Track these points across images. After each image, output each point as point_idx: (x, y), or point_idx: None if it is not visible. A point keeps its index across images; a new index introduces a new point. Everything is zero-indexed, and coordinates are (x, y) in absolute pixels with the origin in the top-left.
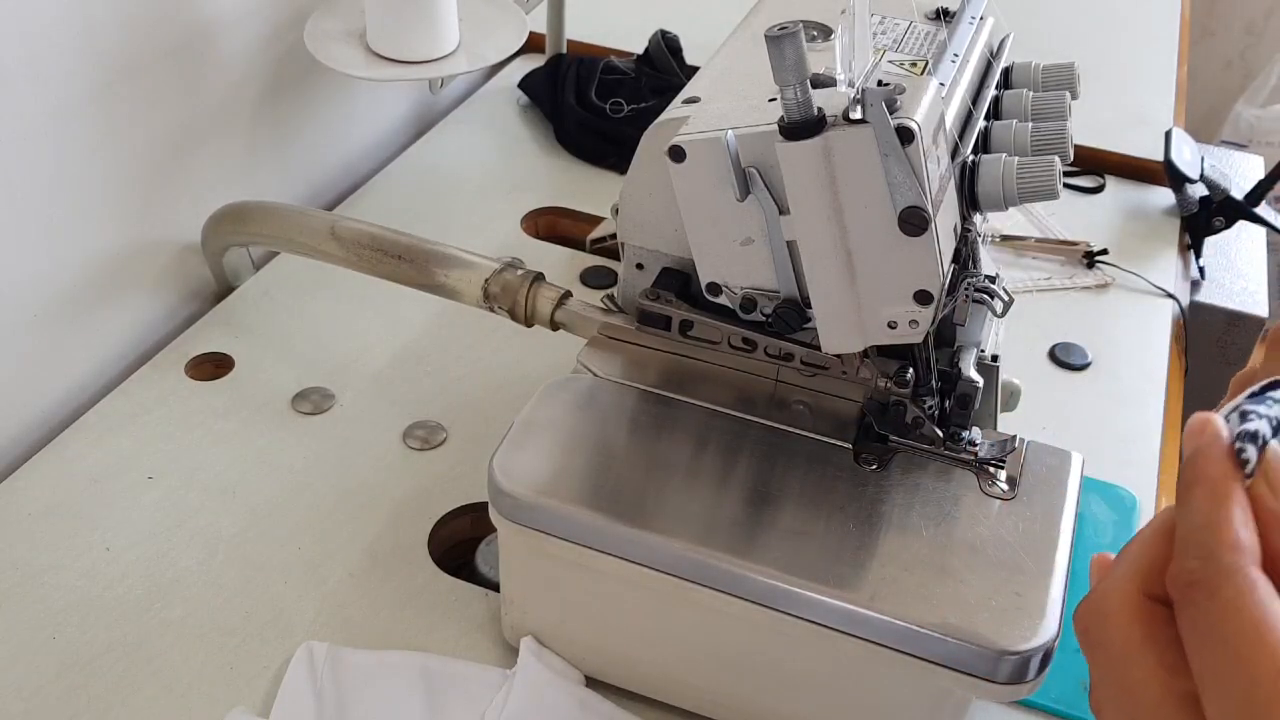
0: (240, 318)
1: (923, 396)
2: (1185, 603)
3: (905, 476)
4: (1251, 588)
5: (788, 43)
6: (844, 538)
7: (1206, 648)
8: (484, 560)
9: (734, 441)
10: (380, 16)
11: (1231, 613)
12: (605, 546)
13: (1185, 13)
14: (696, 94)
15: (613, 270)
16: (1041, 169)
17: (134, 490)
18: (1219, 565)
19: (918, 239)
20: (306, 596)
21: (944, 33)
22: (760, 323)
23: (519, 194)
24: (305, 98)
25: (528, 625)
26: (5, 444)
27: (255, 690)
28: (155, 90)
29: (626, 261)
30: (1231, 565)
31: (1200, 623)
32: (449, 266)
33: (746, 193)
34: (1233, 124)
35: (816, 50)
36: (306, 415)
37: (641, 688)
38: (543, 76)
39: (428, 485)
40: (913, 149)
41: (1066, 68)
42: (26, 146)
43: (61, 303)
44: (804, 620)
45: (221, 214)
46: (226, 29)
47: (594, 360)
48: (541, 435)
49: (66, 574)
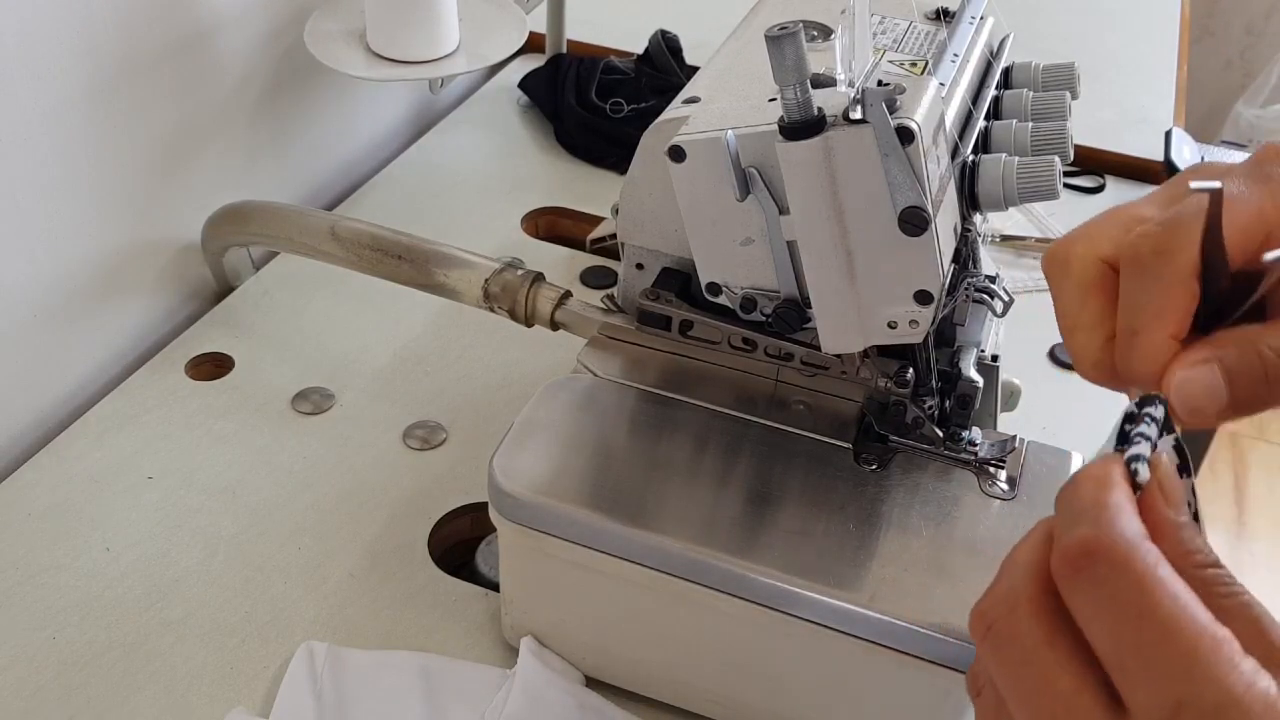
0: (240, 318)
1: (923, 396)
2: (1078, 582)
3: (905, 476)
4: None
5: (788, 43)
6: (844, 538)
7: (1119, 624)
8: (484, 560)
9: (734, 441)
10: (380, 16)
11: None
12: (605, 546)
13: (1185, 13)
14: (696, 94)
15: (613, 270)
16: (1041, 169)
17: (134, 490)
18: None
19: (918, 239)
20: (306, 596)
21: (944, 33)
22: (760, 323)
23: (519, 194)
24: (305, 98)
25: (528, 625)
26: (5, 444)
27: (255, 690)
28: (155, 90)
29: (626, 261)
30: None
31: (1104, 599)
32: (449, 266)
33: (746, 193)
34: (1233, 124)
35: (816, 50)
36: (306, 415)
37: (641, 688)
38: (543, 76)
39: (428, 485)
40: (913, 149)
41: (1066, 68)
42: (27, 146)
43: (61, 303)
44: (804, 620)
45: (221, 214)
46: (226, 29)
47: (594, 360)
48: (541, 435)
49: (66, 574)
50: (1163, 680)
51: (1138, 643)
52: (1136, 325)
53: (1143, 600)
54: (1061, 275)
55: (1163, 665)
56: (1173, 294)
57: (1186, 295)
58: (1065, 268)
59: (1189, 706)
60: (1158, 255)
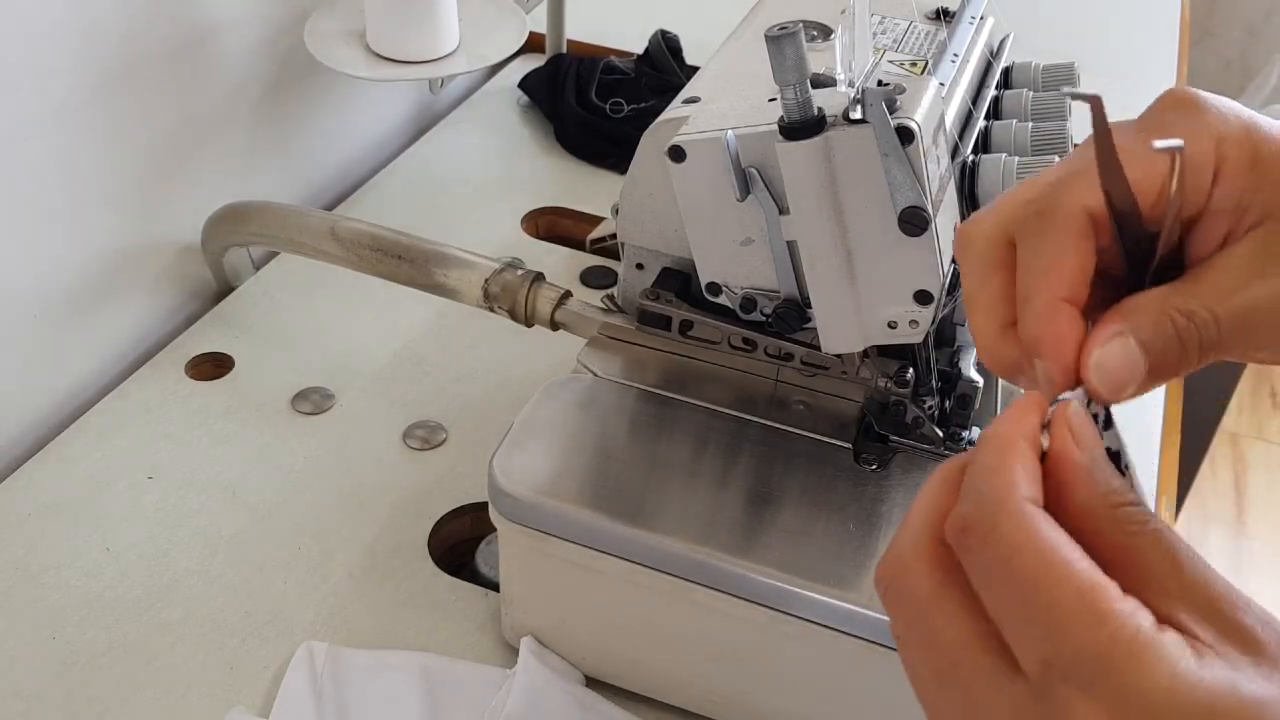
0: (240, 318)
1: (923, 396)
2: (963, 549)
3: (905, 476)
4: (1027, 519)
5: (788, 43)
6: (844, 538)
7: (994, 588)
8: (484, 560)
9: (734, 441)
10: (380, 16)
11: (1012, 549)
12: (605, 546)
13: (1185, 13)
14: (696, 94)
15: (613, 270)
16: (1041, 169)
17: (134, 490)
18: (993, 505)
19: (918, 239)
20: (306, 596)
21: (944, 33)
22: (760, 323)
23: (519, 194)
24: (305, 98)
25: (528, 625)
26: (5, 444)
27: (255, 690)
28: (156, 90)
29: (626, 261)
30: (1004, 502)
31: (981, 565)
32: (449, 266)
33: (746, 193)
34: None
35: (816, 50)
36: (306, 415)
37: (641, 688)
38: (543, 76)
39: (428, 485)
40: (913, 149)
41: (1066, 68)
42: (27, 146)
43: (62, 303)
44: (804, 620)
45: (221, 214)
46: (227, 29)
47: (594, 360)
48: (541, 435)
49: (66, 574)
50: (1031, 640)
51: (1009, 604)
52: (1028, 291)
53: (1010, 565)
54: (965, 254)
55: (1029, 625)
56: (1057, 252)
57: (1073, 253)
58: (969, 246)
59: (1052, 663)
60: (1040, 216)
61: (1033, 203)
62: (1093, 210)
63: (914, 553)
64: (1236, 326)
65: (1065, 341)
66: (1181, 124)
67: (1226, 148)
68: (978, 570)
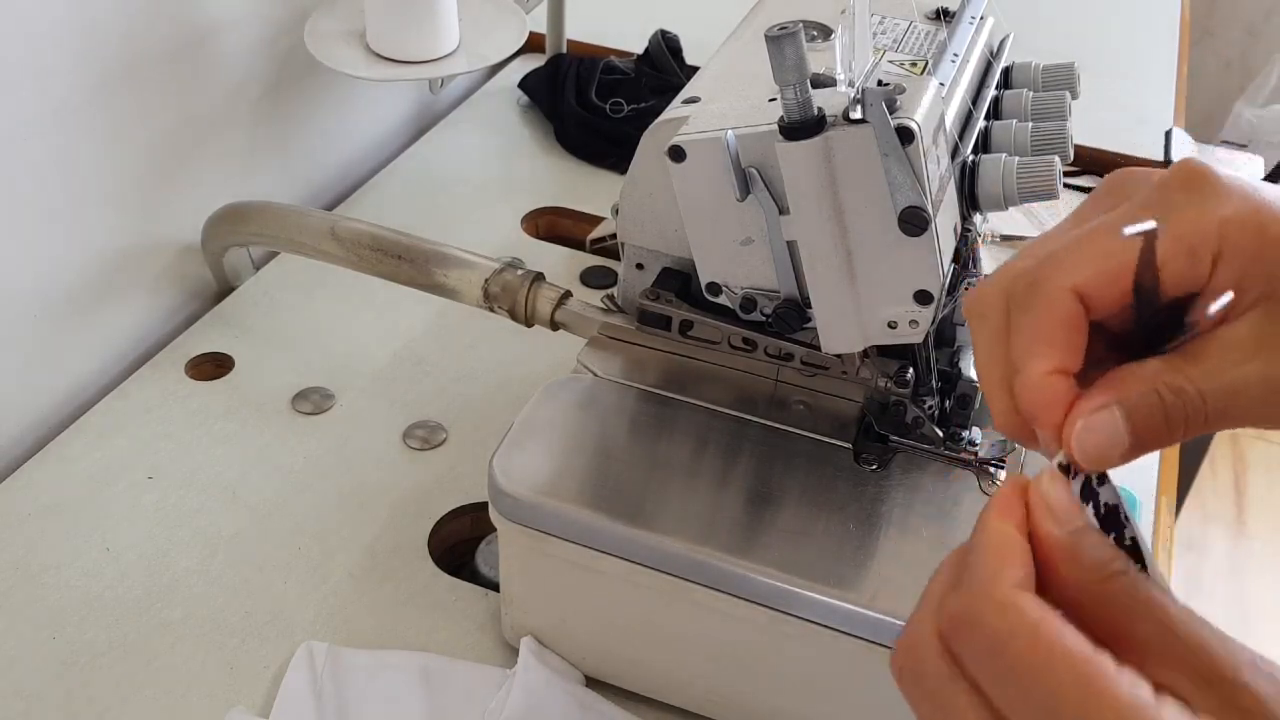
0: (240, 318)
1: (923, 396)
2: (958, 644)
3: (905, 476)
4: (1012, 607)
5: (788, 43)
6: (844, 538)
7: (992, 681)
8: (484, 560)
9: (734, 441)
10: (380, 16)
11: (999, 639)
12: (605, 546)
13: (1185, 13)
14: (696, 94)
15: (613, 270)
16: (1041, 169)
17: (134, 490)
18: (980, 597)
19: (918, 239)
20: (306, 596)
21: (944, 33)
22: (760, 323)
23: (519, 194)
24: (305, 98)
25: (528, 625)
26: (5, 444)
27: (255, 690)
28: (156, 90)
29: (626, 261)
30: (989, 593)
31: (975, 659)
32: (449, 266)
33: (746, 193)
34: (1233, 124)
35: (816, 50)
36: (306, 415)
37: (641, 688)
38: (543, 76)
39: (428, 485)
40: (913, 149)
41: (1066, 68)
42: (27, 146)
43: (62, 303)
44: (804, 620)
45: (221, 214)
46: (227, 29)
47: (594, 360)
48: (541, 435)
49: (66, 574)
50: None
51: (1009, 696)
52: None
53: (1004, 656)
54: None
55: (1033, 713)
56: (1043, 328)
57: (1060, 328)
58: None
59: None
60: (1030, 289)
61: (1024, 275)
62: (1080, 289)
63: (924, 642)
64: (1223, 405)
65: (1052, 411)
66: (1188, 205)
67: (1230, 229)
68: (973, 663)
